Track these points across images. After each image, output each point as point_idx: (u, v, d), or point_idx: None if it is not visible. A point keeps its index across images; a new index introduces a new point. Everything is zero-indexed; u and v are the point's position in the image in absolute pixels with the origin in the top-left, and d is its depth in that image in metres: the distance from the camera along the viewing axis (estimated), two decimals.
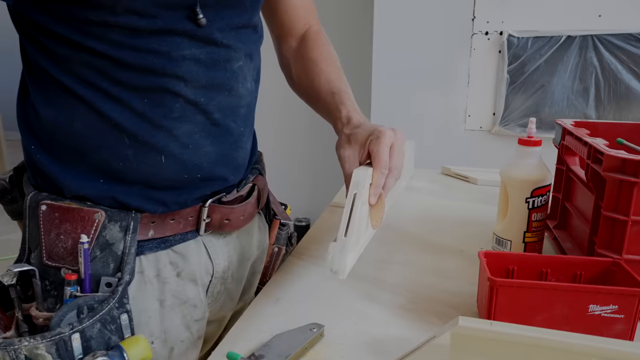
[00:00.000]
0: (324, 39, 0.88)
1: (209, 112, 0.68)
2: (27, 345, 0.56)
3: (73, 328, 0.58)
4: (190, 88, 0.65)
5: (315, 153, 2.82)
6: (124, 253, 0.65)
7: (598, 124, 0.91)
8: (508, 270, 0.68)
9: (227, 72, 0.69)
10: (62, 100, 0.64)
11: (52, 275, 0.65)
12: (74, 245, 0.64)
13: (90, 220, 0.65)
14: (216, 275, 0.77)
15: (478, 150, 2.02)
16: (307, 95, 0.86)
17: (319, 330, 0.63)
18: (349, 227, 0.61)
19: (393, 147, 0.69)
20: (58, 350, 0.57)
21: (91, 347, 0.60)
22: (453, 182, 1.35)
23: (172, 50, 0.63)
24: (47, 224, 0.66)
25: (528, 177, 0.81)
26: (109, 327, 0.62)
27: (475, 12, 1.95)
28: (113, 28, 0.60)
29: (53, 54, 0.63)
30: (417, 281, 0.79)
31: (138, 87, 0.63)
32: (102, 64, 0.62)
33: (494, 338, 0.49)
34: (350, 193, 0.64)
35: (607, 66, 1.83)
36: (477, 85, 2.02)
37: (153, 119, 0.65)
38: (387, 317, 0.69)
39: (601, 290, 0.59)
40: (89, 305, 0.61)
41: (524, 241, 0.82)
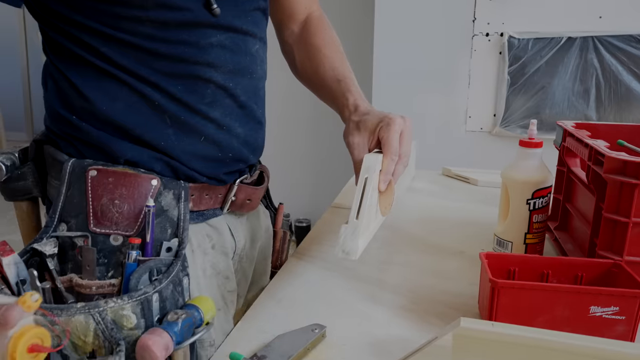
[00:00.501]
0: (326, 24, 0.89)
1: (236, 95, 0.71)
2: (113, 306, 0.56)
3: (155, 288, 0.58)
4: (220, 74, 0.68)
5: (315, 154, 2.83)
6: (179, 219, 0.66)
7: (599, 126, 0.91)
8: (509, 271, 0.68)
9: (247, 56, 0.72)
10: (103, 82, 0.65)
11: (100, 243, 0.63)
12: (130, 210, 0.63)
13: (147, 186, 0.65)
14: (237, 252, 0.79)
15: (478, 152, 2.02)
16: (311, 82, 0.87)
17: (320, 331, 0.63)
18: (360, 210, 0.63)
19: (403, 134, 0.70)
20: (143, 310, 0.57)
21: (165, 307, 0.60)
22: (453, 183, 1.35)
23: (200, 39, 0.66)
24: (97, 189, 0.64)
25: (529, 179, 0.81)
26: (177, 288, 0.62)
27: (475, 13, 1.96)
28: (144, 22, 0.63)
29: (86, 44, 0.64)
30: (418, 282, 0.80)
31: (173, 74, 0.65)
32: (140, 55, 0.64)
33: (495, 339, 0.49)
34: (361, 177, 0.65)
35: (607, 67, 1.83)
36: (477, 87, 2.02)
37: (189, 103, 0.67)
38: (389, 318, 0.69)
39: (602, 292, 0.59)
40: (158, 268, 0.61)
41: (525, 242, 0.83)
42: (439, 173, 1.43)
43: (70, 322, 0.55)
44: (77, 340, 0.56)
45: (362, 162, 0.68)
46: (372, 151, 0.71)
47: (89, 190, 0.64)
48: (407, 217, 1.07)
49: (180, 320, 0.57)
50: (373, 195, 0.66)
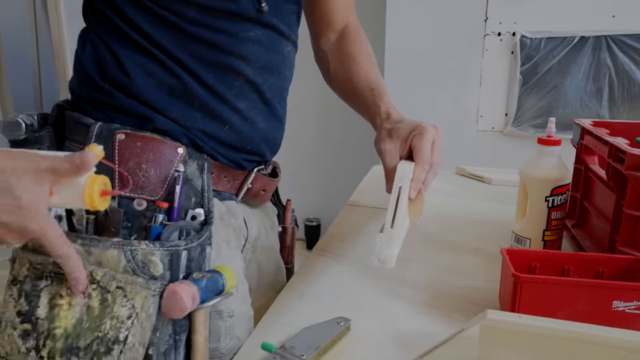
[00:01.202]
0: (362, 36, 0.91)
1: (262, 91, 0.73)
2: (144, 248, 0.57)
3: (187, 244, 0.60)
4: (251, 68, 0.70)
5: (323, 154, 2.84)
6: (203, 189, 0.67)
7: (616, 124, 0.92)
8: (530, 267, 0.69)
9: (279, 56, 0.74)
10: (140, 57, 0.66)
11: (124, 205, 0.64)
12: (156, 174, 0.64)
13: (174, 153, 0.66)
14: (249, 240, 0.79)
15: (490, 151, 2.03)
16: (343, 89, 0.89)
17: (345, 324, 0.64)
18: (395, 219, 0.64)
19: (435, 143, 0.71)
20: (171, 261, 0.59)
21: (191, 268, 0.61)
22: (467, 182, 1.36)
23: (240, 31, 0.68)
24: (124, 152, 0.64)
25: (548, 176, 0.82)
26: (203, 254, 0.63)
27: (487, 13, 1.96)
28: (191, 5, 0.65)
29: (128, 18, 0.66)
30: (436, 278, 0.81)
31: (208, 61, 0.67)
32: (180, 37, 0.66)
33: (522, 331, 0.50)
34: (395, 186, 0.67)
35: (620, 66, 1.83)
36: (489, 86, 2.03)
37: (219, 92, 0.69)
38: (410, 313, 0.70)
39: (625, 287, 0.60)
40: (187, 231, 0.63)
41: (543, 239, 0.83)
42: (452, 172, 1.43)
43: (103, 254, 0.57)
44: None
45: (394, 169, 0.70)
46: (402, 159, 0.73)
47: (116, 153, 0.64)
48: (423, 216, 1.07)
49: (206, 279, 0.58)
50: (405, 204, 0.68)
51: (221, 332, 0.67)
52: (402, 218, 0.67)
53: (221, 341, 0.67)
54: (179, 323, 0.60)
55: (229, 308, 0.68)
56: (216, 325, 0.67)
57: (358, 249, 0.91)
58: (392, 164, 0.71)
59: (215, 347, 0.67)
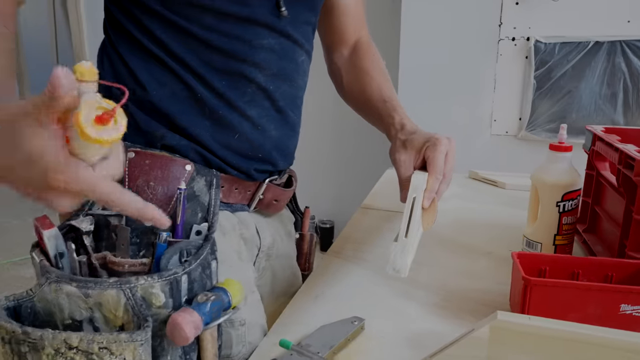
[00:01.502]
0: (374, 50, 0.93)
1: (274, 99, 0.74)
2: (143, 284, 0.57)
3: (185, 269, 0.59)
4: (263, 75, 0.72)
5: (338, 158, 2.86)
6: (209, 204, 0.69)
7: (628, 130, 0.93)
8: (540, 270, 0.70)
9: (292, 64, 0.76)
10: (153, 68, 0.69)
11: (133, 222, 0.65)
12: (164, 192, 0.66)
13: (181, 170, 0.68)
14: (262, 250, 0.81)
15: (504, 155, 2.03)
16: (357, 101, 0.91)
17: (360, 323, 0.66)
18: (409, 229, 0.66)
19: (448, 154, 0.73)
20: (171, 290, 0.58)
21: (194, 289, 0.61)
22: (481, 186, 1.37)
23: (254, 38, 0.70)
24: (134, 170, 0.67)
25: (559, 182, 0.83)
26: (206, 271, 0.63)
27: (502, 18, 1.97)
28: (207, 12, 0.67)
29: (144, 27, 0.69)
30: (448, 280, 0.82)
31: (220, 69, 0.69)
32: (194, 44, 0.68)
33: (532, 332, 0.52)
34: (409, 197, 0.69)
35: (635, 71, 1.83)
36: (503, 91, 2.04)
37: (230, 99, 0.71)
38: (423, 314, 0.72)
39: (633, 290, 0.61)
40: (188, 250, 0.63)
41: (554, 244, 0.85)
42: (465, 176, 1.45)
43: (102, 295, 0.56)
44: (108, 313, 0.57)
45: (408, 179, 0.72)
46: (416, 169, 0.75)
47: (126, 171, 0.67)
48: (438, 219, 1.10)
49: (210, 302, 0.58)
50: (418, 213, 0.70)
51: (233, 340, 0.69)
52: (416, 227, 0.69)
53: (233, 348, 0.69)
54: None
55: (241, 317, 0.70)
56: (228, 333, 0.69)
57: (372, 251, 0.93)
58: (406, 174, 0.73)
59: (228, 354, 0.69)
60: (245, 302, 0.71)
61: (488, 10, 1.98)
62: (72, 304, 0.57)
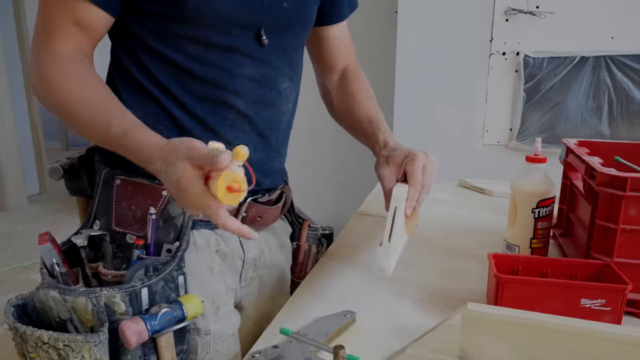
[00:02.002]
0: (362, 76, 1.02)
1: (255, 123, 0.82)
2: (106, 293, 0.68)
3: (144, 283, 0.70)
4: (243, 102, 0.80)
5: (338, 167, 2.95)
6: (182, 226, 0.77)
7: (601, 144, 1.01)
8: (514, 269, 0.79)
9: (273, 91, 0.83)
10: (141, 98, 0.78)
11: (119, 239, 0.77)
12: (143, 215, 0.76)
13: (158, 195, 0.77)
14: (247, 262, 0.89)
15: (495, 164, 2.11)
16: (346, 121, 0.99)
17: (351, 316, 0.75)
18: (392, 234, 0.74)
19: (425, 167, 0.81)
20: (130, 300, 0.69)
21: (155, 300, 0.71)
22: (470, 193, 1.46)
23: (234, 67, 0.78)
24: (119, 195, 0.78)
25: (534, 190, 0.91)
26: (170, 285, 0.73)
27: (493, 33, 2.06)
28: (192, 42, 0.75)
29: (140, 61, 0.77)
30: (435, 280, 0.91)
31: (202, 96, 0.78)
32: (178, 74, 0.77)
33: (497, 320, 0.60)
34: (391, 207, 0.77)
35: (619, 85, 1.91)
36: (494, 102, 2.12)
37: (210, 125, 0.79)
38: (411, 310, 0.81)
39: (591, 287, 0.70)
40: (154, 266, 0.73)
41: (531, 247, 0.93)
42: (455, 184, 1.53)
43: (75, 301, 0.68)
44: (81, 316, 0.69)
45: (391, 191, 0.80)
46: (399, 181, 0.83)
47: (113, 196, 0.78)
48: (427, 225, 1.18)
49: (160, 314, 0.69)
50: (401, 220, 0.78)
51: (199, 347, 0.78)
52: (400, 233, 0.77)
53: (199, 354, 0.79)
54: (147, 346, 0.71)
55: (207, 327, 0.79)
56: (195, 340, 0.78)
57: (365, 255, 1.02)
58: (389, 186, 0.81)
59: (194, 359, 0.79)
60: (216, 313, 0.81)
61: (480, 26, 2.06)
62: (57, 306, 0.70)
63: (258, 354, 0.66)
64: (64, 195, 4.29)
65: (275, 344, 0.68)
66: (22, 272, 2.84)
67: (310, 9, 0.87)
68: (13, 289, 2.61)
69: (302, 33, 0.88)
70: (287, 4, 0.80)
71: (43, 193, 4.33)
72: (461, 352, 0.62)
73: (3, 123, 3.78)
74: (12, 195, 3.92)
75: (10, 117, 3.83)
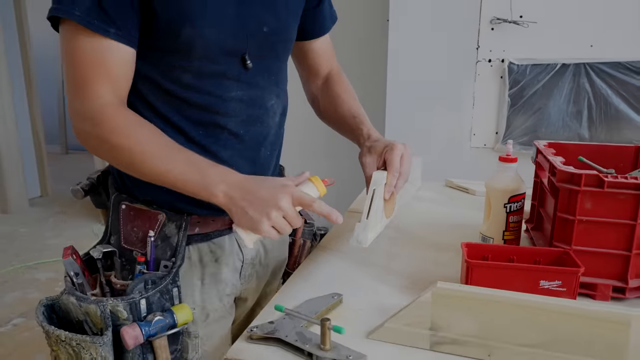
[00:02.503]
0: (343, 78, 1.12)
1: (245, 140, 0.91)
2: (111, 303, 0.79)
3: (142, 295, 0.81)
4: (234, 122, 0.88)
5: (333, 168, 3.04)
6: (177, 244, 0.87)
7: (569, 145, 1.11)
8: (484, 257, 0.88)
9: (261, 109, 0.92)
10: None
11: (127, 255, 0.89)
12: (144, 236, 0.87)
13: (155, 219, 0.88)
14: (246, 262, 0.98)
15: (483, 166, 2.21)
16: (332, 120, 1.09)
17: (338, 297, 0.84)
18: (369, 212, 0.84)
19: (403, 156, 0.91)
20: (131, 309, 0.80)
21: (152, 308, 0.83)
22: (455, 193, 1.55)
23: (224, 92, 0.86)
24: (125, 218, 0.89)
25: (506, 187, 1.01)
26: (165, 296, 0.85)
27: (479, 42, 2.16)
28: (186, 71, 0.83)
29: (139, 92, 0.85)
30: (418, 268, 1.00)
31: (197, 121, 0.86)
32: (174, 102, 0.85)
33: (461, 296, 0.70)
34: (370, 189, 0.87)
35: (598, 91, 2.01)
36: (481, 107, 2.22)
37: (205, 146, 0.87)
38: (393, 293, 0.90)
39: (550, 270, 0.79)
40: (152, 280, 0.84)
41: (504, 239, 1.03)
42: (443, 184, 1.62)
43: (88, 307, 0.79)
44: (93, 318, 0.80)
45: (371, 177, 0.89)
46: (379, 169, 0.93)
47: (120, 218, 0.89)
48: (413, 221, 1.28)
49: (154, 321, 0.80)
50: (380, 202, 0.88)
51: (189, 347, 0.90)
52: (378, 213, 0.87)
53: (189, 353, 0.90)
54: (145, 347, 0.82)
55: (196, 331, 0.90)
56: (185, 342, 0.90)
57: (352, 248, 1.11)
58: (369, 172, 0.92)
59: (186, 357, 0.90)
60: (206, 319, 0.92)
61: (467, 35, 2.16)
62: (75, 309, 0.82)
63: (255, 328, 0.75)
64: (66, 199, 4.38)
65: (270, 320, 0.77)
66: (25, 272, 2.92)
67: (289, 31, 0.95)
68: (17, 288, 2.69)
69: (284, 53, 0.96)
70: (267, 29, 0.88)
71: (44, 196, 4.41)
72: (431, 325, 0.71)
73: (5, 126, 3.86)
74: (13, 198, 4.01)
75: (12, 120, 3.91)
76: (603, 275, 0.86)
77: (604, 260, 0.85)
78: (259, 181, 0.78)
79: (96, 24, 0.75)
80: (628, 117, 2.00)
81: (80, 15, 0.74)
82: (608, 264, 0.85)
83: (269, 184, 0.77)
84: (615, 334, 0.64)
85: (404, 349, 0.73)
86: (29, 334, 2.29)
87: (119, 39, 0.77)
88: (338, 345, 0.70)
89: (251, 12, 0.85)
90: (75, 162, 5.62)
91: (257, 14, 0.86)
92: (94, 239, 0.96)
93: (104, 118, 0.77)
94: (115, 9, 0.75)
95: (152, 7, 0.77)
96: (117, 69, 0.78)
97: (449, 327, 0.71)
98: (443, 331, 0.71)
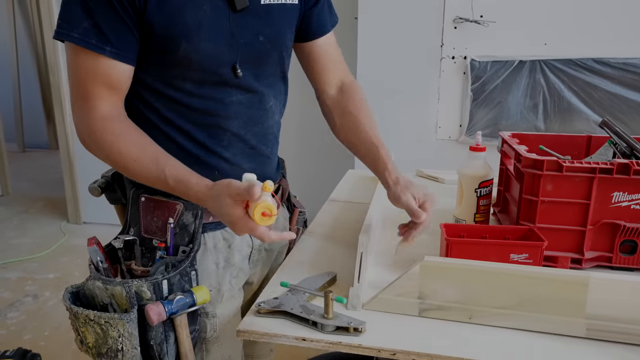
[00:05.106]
0: (358, 90, 1.11)
1: (246, 140, 0.97)
2: (136, 284, 0.86)
3: (164, 276, 0.88)
4: (236, 124, 0.95)
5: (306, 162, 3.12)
6: (194, 232, 0.93)
7: (529, 136, 1.23)
8: (460, 235, 0.99)
9: (260, 111, 0.98)
10: (149, 130, 0.91)
11: (147, 243, 0.95)
12: (163, 225, 0.93)
13: (173, 209, 0.94)
14: (255, 247, 1.06)
15: (448, 156, 2.34)
16: (350, 142, 1.08)
17: (332, 275, 0.93)
18: (360, 276, 0.87)
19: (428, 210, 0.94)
20: (154, 289, 0.87)
21: (173, 289, 0.89)
22: (425, 182, 1.66)
23: (225, 97, 0.92)
24: (145, 210, 0.95)
25: (476, 174, 1.12)
26: (184, 278, 0.91)
27: (443, 39, 2.28)
28: (187, 80, 0.89)
29: (145, 100, 0.91)
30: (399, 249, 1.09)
31: (201, 124, 0.92)
32: (178, 108, 0.91)
33: (446, 267, 0.80)
34: (358, 254, 0.90)
35: (552, 86, 2.17)
36: (446, 101, 2.34)
37: (209, 147, 0.94)
38: (381, 270, 0.99)
39: (518, 244, 0.90)
40: (172, 263, 0.90)
41: (475, 220, 1.14)
42: (414, 174, 1.73)
43: (114, 289, 0.86)
44: (118, 300, 0.87)
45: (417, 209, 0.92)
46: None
47: (140, 210, 0.95)
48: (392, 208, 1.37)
49: (175, 300, 0.87)
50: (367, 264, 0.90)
51: (207, 326, 0.97)
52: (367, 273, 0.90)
53: (207, 332, 0.97)
54: (167, 325, 0.89)
55: (214, 311, 0.97)
56: (204, 321, 0.96)
57: (339, 233, 1.20)
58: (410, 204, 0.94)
59: (204, 336, 0.97)
60: (221, 300, 0.98)
61: (432, 33, 2.28)
62: (101, 293, 0.88)
63: (262, 303, 0.83)
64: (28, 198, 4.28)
65: (275, 296, 0.85)
66: None
67: (284, 38, 0.99)
68: None
69: (283, 58, 1.00)
70: (262, 38, 0.93)
71: (5, 195, 4.29)
72: (420, 294, 0.81)
73: None
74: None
75: None
76: (563, 249, 0.98)
77: (564, 235, 0.97)
78: (217, 207, 0.80)
79: (93, 44, 0.82)
80: (579, 110, 2.18)
81: (78, 37, 0.81)
82: (567, 238, 0.97)
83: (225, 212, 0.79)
84: (576, 293, 0.75)
85: (395, 317, 0.82)
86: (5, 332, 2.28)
87: (114, 57, 0.83)
88: (339, 314, 0.79)
89: (246, 23, 0.90)
90: (34, 160, 5.46)
91: (252, 25, 0.91)
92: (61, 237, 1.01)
93: (99, 129, 0.85)
94: (111, 29, 0.82)
95: (149, 25, 0.83)
96: (114, 84, 0.85)
97: (435, 295, 0.81)
98: (430, 299, 0.81)
